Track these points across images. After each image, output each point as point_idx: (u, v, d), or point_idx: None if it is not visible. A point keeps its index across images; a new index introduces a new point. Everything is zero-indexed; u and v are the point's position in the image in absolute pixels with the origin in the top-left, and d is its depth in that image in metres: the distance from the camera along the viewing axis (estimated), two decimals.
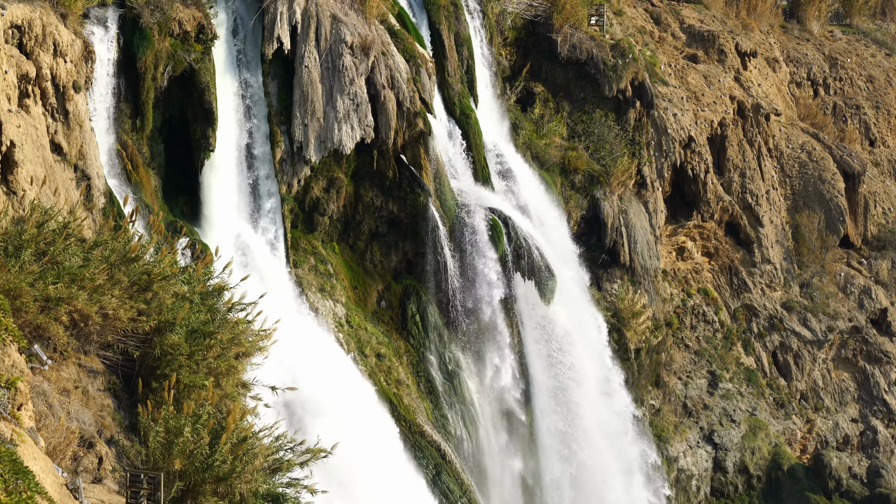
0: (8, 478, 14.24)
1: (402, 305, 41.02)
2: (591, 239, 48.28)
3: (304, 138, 38.29)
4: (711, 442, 51.25)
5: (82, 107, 31.26)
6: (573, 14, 49.46)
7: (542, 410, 43.18)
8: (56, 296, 20.05)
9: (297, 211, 39.19)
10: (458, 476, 38.68)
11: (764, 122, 57.67)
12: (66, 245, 21.10)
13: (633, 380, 47.95)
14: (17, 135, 27.26)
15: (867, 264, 59.47)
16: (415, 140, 40.50)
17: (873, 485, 52.95)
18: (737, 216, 55.13)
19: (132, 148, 34.89)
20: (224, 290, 23.45)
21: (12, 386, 16.48)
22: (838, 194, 58.59)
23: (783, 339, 55.51)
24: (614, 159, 48.64)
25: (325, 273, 39.40)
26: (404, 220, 40.95)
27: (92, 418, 20.39)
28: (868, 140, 64.56)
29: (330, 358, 37.01)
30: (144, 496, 18.13)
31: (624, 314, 47.97)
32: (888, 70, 67.34)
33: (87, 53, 32.41)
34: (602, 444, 44.99)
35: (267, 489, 19.99)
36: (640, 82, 50.09)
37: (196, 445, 18.99)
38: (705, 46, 58.73)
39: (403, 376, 39.59)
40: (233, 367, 22.15)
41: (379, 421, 36.85)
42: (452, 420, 40.36)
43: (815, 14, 67.52)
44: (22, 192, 27.05)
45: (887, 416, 56.50)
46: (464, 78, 44.82)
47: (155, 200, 35.12)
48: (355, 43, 38.86)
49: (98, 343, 21.62)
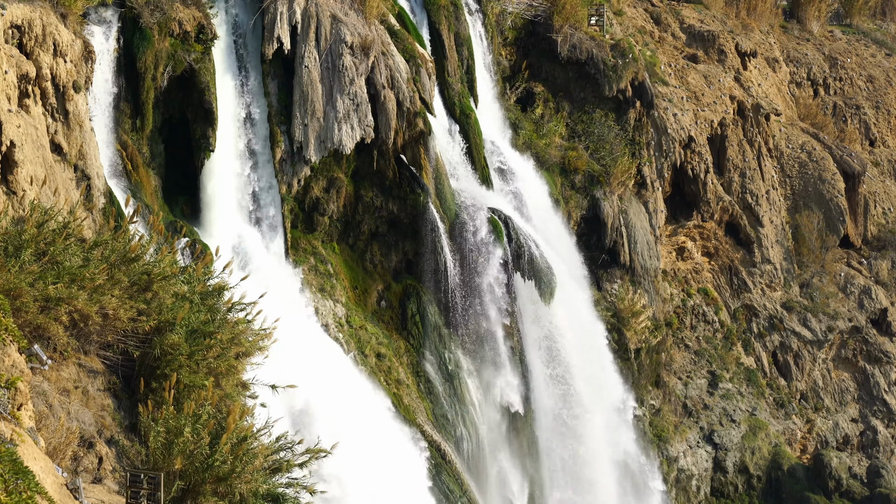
0: (8, 478, 14.24)
1: (402, 305, 41.03)
2: (591, 239, 48.29)
3: (304, 138, 38.29)
4: (711, 442, 51.25)
5: (82, 107, 31.25)
6: (573, 14, 49.47)
7: (542, 410, 43.18)
8: (56, 296, 20.04)
9: (297, 211, 39.19)
10: (458, 476, 38.69)
11: (764, 122, 57.68)
12: (66, 245, 21.10)
13: (633, 380, 47.96)
14: (17, 135, 27.26)
15: (867, 264, 59.47)
16: (415, 140, 40.50)
17: (873, 485, 52.95)
18: (737, 216, 55.14)
19: (132, 148, 34.88)
20: (224, 290, 23.45)
21: (12, 386, 16.48)
22: (838, 194, 58.59)
23: (783, 339, 55.51)
24: (614, 159, 48.64)
25: (325, 273, 39.40)
26: (404, 220, 40.95)
27: (92, 418, 20.39)
28: (868, 140, 64.56)
29: (330, 358, 37.01)
30: (144, 496, 18.13)
31: (624, 314, 47.97)
32: (888, 70, 67.34)
33: (87, 53, 32.40)
34: (602, 442, 45.02)
35: (267, 489, 19.99)
36: (640, 82, 50.09)
37: (196, 445, 18.99)
38: (705, 46, 58.74)
39: (403, 376, 39.60)
40: (233, 366, 22.14)
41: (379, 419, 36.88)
42: (452, 420, 40.37)
43: (815, 14, 67.52)
44: (22, 192, 27.05)
45: (887, 416, 56.50)
46: (464, 78, 44.82)
47: (155, 200, 35.12)
48: (355, 43, 38.86)
49: (98, 343, 21.62)
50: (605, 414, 45.56)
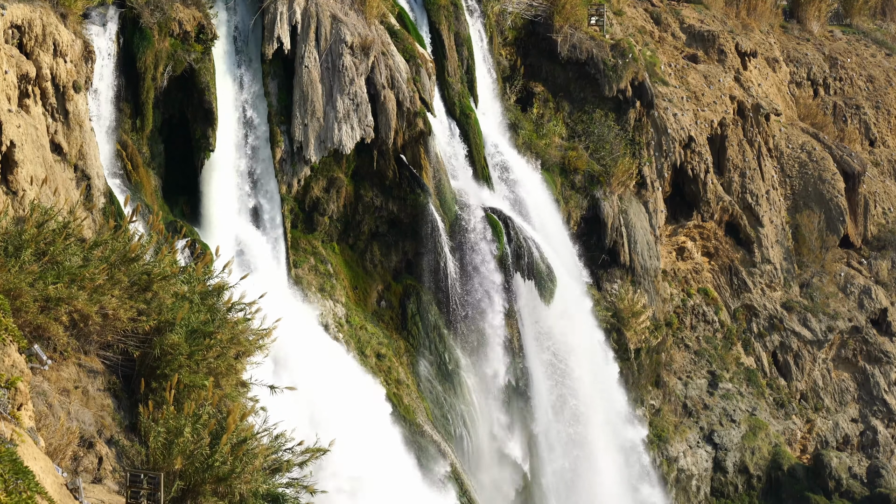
0: (8, 478, 14.24)
1: (402, 305, 41.03)
2: (591, 239, 48.28)
3: (304, 138, 38.29)
4: (711, 442, 51.25)
5: (82, 107, 31.26)
6: (573, 14, 49.45)
7: (541, 409, 43.17)
8: (56, 296, 20.04)
9: (297, 211, 39.19)
10: (459, 476, 38.69)
11: (764, 122, 57.67)
12: (66, 245, 21.10)
13: (633, 380, 47.97)
14: (17, 135, 27.26)
15: (867, 264, 59.47)
16: (415, 140, 40.50)
17: (873, 485, 52.93)
18: (737, 216, 55.13)
19: (132, 148, 34.88)
20: (224, 290, 23.46)
21: (12, 386, 16.48)
22: (838, 194, 58.59)
23: (783, 339, 55.51)
24: (614, 159, 48.64)
25: (325, 273, 39.40)
26: (404, 220, 40.95)
27: (92, 418, 20.39)
28: (868, 140, 64.55)
29: (329, 357, 37.01)
30: (144, 496, 18.14)
31: (624, 314, 47.96)
32: (888, 70, 67.33)
33: (87, 53, 32.41)
34: (601, 439, 45.04)
35: (267, 489, 20.00)
36: (640, 82, 50.08)
37: (196, 446, 19.00)
38: (705, 46, 58.73)
39: (403, 376, 39.60)
40: (232, 366, 22.16)
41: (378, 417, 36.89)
42: (452, 420, 40.37)
43: (815, 14, 67.50)
44: (22, 192, 27.06)
45: (887, 416, 56.50)
46: (464, 78, 44.82)
47: (155, 200, 35.11)
48: (355, 43, 38.86)
49: (98, 343, 21.62)
50: (607, 413, 45.60)
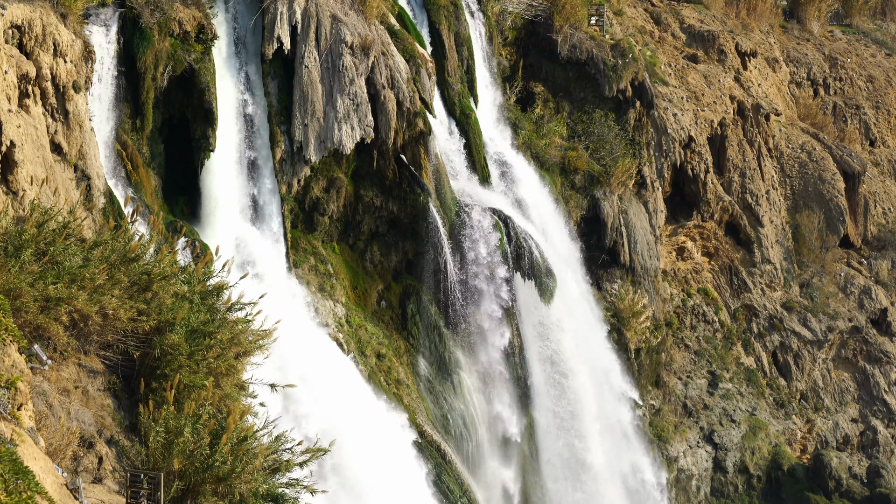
0: (8, 478, 14.24)
1: (402, 305, 41.03)
2: (591, 239, 48.28)
3: (304, 138, 38.28)
4: (711, 442, 51.25)
5: (82, 107, 31.25)
6: (573, 14, 49.45)
7: (541, 410, 43.18)
8: (56, 296, 20.04)
9: (297, 211, 39.18)
10: (459, 476, 38.69)
11: (764, 122, 57.67)
12: (66, 245, 21.09)
13: (632, 380, 47.96)
14: (17, 135, 27.26)
15: (867, 264, 59.47)
16: (415, 140, 40.50)
17: (873, 485, 52.94)
18: (737, 216, 55.13)
19: (132, 148, 34.88)
20: (224, 290, 23.44)
21: (12, 386, 16.47)
22: (838, 194, 58.59)
23: (783, 339, 55.51)
24: (614, 159, 48.64)
25: (325, 273, 39.40)
26: (404, 220, 40.95)
27: (92, 418, 20.39)
28: (868, 140, 64.56)
29: (329, 357, 37.01)
30: (144, 496, 18.13)
31: (624, 314, 47.97)
32: (888, 70, 67.34)
33: (87, 53, 32.39)
34: (601, 439, 45.04)
35: (267, 489, 19.99)
36: (640, 82, 50.08)
37: (196, 446, 19.00)
38: (705, 46, 58.73)
39: (403, 376, 39.60)
40: (232, 366, 22.14)
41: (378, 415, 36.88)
42: (452, 420, 40.37)
43: (815, 14, 67.51)
44: (22, 192, 27.05)
45: (887, 416, 56.50)
46: (464, 78, 44.82)
47: (155, 200, 35.11)
48: (355, 43, 38.86)
49: (98, 343, 21.61)
50: (606, 412, 45.60)
